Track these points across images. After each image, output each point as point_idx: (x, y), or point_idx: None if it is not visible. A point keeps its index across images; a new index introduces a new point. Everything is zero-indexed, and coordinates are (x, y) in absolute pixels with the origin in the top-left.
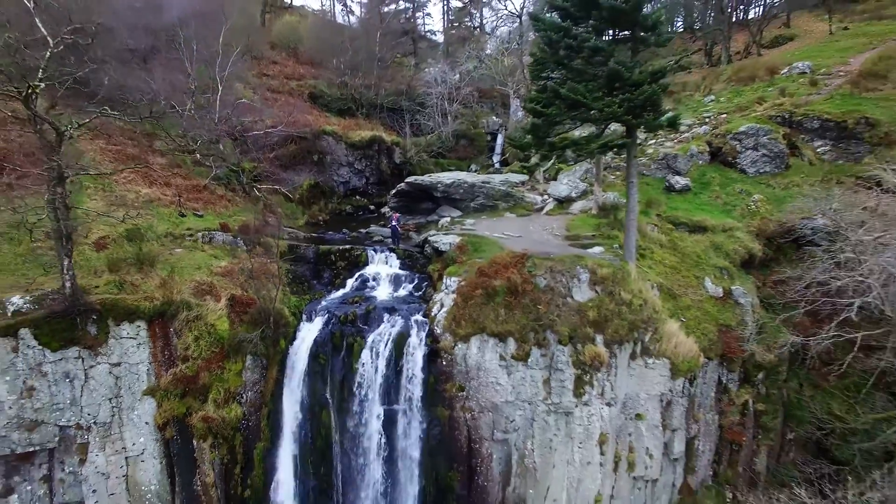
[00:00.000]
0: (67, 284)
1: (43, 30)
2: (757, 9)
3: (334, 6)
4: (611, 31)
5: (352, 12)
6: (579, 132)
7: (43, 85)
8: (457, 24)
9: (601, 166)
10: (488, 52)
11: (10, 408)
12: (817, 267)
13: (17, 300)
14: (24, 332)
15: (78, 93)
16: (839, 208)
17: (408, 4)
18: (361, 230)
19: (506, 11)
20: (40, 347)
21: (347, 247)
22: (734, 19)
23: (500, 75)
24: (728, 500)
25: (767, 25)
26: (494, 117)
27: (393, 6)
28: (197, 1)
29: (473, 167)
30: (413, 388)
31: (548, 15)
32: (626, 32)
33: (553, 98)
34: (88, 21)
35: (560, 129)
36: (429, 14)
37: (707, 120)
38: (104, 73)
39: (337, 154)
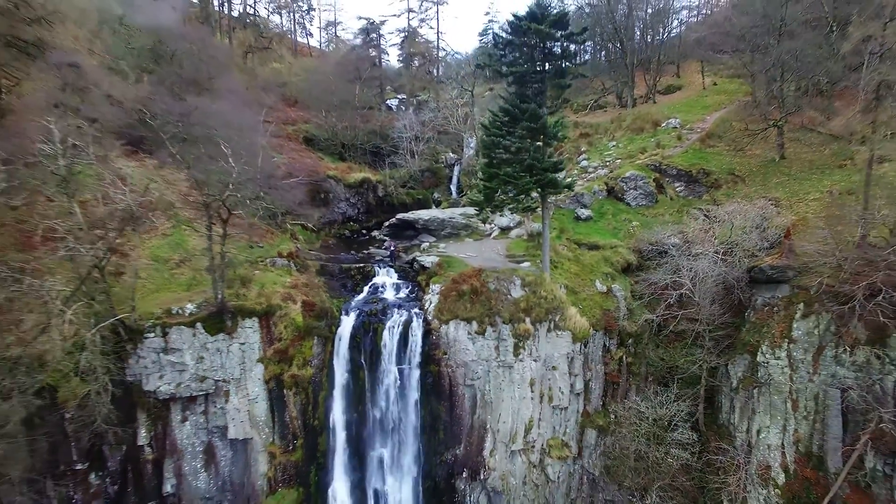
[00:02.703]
0: (219, 296)
1: (233, 164)
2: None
3: (295, 30)
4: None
5: (310, 34)
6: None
7: (239, 195)
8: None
9: None
10: (445, 101)
11: (192, 369)
12: (655, 271)
13: (190, 306)
14: (198, 325)
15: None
16: (671, 233)
17: (373, 52)
18: (364, 251)
19: (456, 78)
20: (205, 333)
21: (360, 265)
22: (644, 57)
23: (455, 121)
24: (611, 418)
25: (662, 75)
26: (451, 153)
27: (367, 52)
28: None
29: (436, 195)
30: (415, 354)
31: (490, 126)
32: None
33: (495, 175)
34: (252, 156)
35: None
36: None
37: (607, 164)
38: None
39: (337, 192)
